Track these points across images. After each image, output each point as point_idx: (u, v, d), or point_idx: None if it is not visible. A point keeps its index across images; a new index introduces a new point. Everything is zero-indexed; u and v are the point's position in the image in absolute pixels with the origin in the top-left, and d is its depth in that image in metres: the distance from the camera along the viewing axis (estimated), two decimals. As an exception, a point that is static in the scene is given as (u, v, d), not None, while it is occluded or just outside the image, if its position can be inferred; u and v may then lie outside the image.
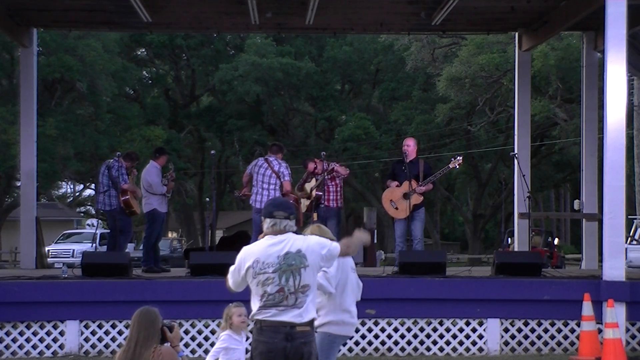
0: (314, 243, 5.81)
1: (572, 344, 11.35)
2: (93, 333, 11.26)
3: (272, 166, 12.95)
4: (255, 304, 5.76)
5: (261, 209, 12.91)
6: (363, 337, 11.33)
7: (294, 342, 5.64)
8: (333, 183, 13.46)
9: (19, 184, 30.11)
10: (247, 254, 5.81)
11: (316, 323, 6.87)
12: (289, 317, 5.65)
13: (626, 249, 16.53)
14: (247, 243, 16.30)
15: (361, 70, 40.37)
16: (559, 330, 11.46)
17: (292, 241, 5.76)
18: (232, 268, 5.90)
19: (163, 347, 5.54)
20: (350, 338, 8.97)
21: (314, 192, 13.26)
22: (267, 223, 5.82)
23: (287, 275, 5.66)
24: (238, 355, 7.28)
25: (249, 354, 6.20)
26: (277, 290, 5.66)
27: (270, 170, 12.93)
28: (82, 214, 59.19)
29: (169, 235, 51.34)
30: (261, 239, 5.87)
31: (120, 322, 11.19)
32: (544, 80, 30.29)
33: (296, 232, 5.91)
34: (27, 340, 11.17)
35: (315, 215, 12.93)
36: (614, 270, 11.16)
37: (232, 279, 5.88)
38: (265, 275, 5.68)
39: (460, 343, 11.44)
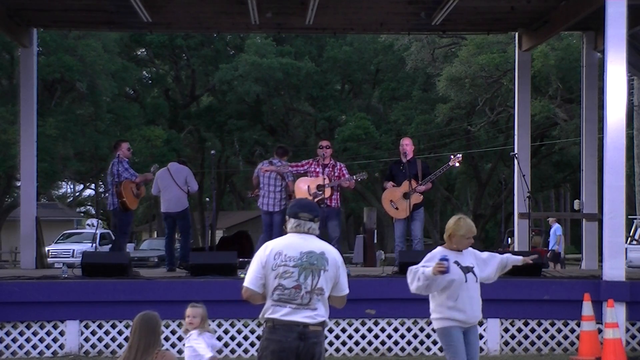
0: (336, 254, 5.79)
1: (572, 344, 11.35)
2: (93, 333, 11.25)
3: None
4: (267, 300, 5.67)
5: (268, 211, 13.15)
6: (363, 337, 11.33)
7: (307, 341, 5.58)
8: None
9: (19, 184, 30.09)
10: (269, 245, 5.73)
11: (431, 317, 7.01)
12: (301, 317, 5.59)
13: (626, 249, 16.55)
14: (247, 243, 16.06)
15: (361, 70, 40.38)
16: (559, 330, 11.45)
17: (318, 243, 5.74)
18: (251, 263, 5.78)
19: (166, 351, 5.57)
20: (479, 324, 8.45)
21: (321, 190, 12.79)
22: (290, 223, 5.76)
23: (306, 273, 5.60)
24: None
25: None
26: (294, 286, 5.59)
27: (274, 173, 13.10)
28: (82, 214, 59.25)
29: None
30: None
31: (120, 322, 11.19)
32: (544, 80, 30.30)
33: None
34: (27, 340, 11.16)
35: None
36: (614, 270, 11.16)
37: (250, 271, 5.72)
38: (285, 268, 5.61)
39: (460, 343, 11.42)
